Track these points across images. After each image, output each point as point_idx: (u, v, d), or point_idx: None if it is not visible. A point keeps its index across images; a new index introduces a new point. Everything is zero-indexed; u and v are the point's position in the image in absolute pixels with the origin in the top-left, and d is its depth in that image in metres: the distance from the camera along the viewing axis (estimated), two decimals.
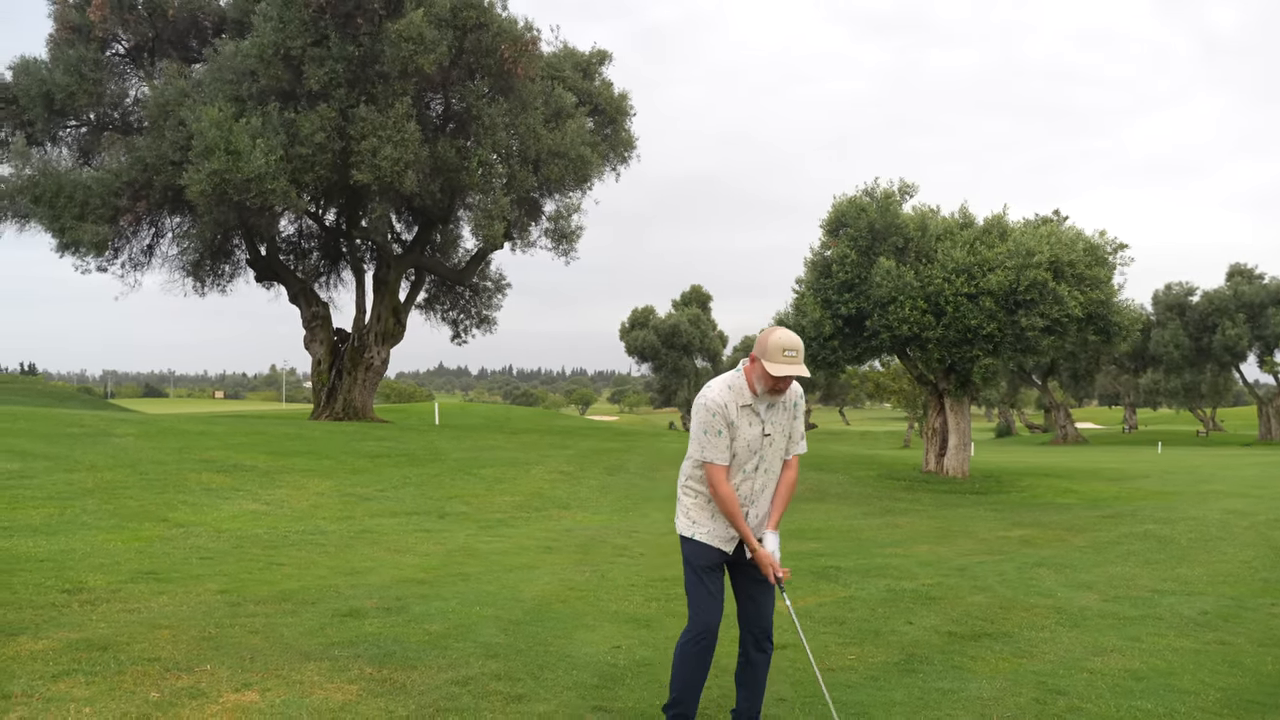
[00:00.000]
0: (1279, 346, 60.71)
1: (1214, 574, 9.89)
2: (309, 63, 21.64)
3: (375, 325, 28.02)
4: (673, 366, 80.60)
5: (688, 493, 4.87)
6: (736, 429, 4.65)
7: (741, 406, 4.65)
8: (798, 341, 4.59)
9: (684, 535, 4.87)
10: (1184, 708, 5.65)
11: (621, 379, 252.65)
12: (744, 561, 4.86)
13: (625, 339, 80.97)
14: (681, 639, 4.80)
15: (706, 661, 4.80)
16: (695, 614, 4.75)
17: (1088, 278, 17.56)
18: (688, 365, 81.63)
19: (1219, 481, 20.73)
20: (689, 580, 4.83)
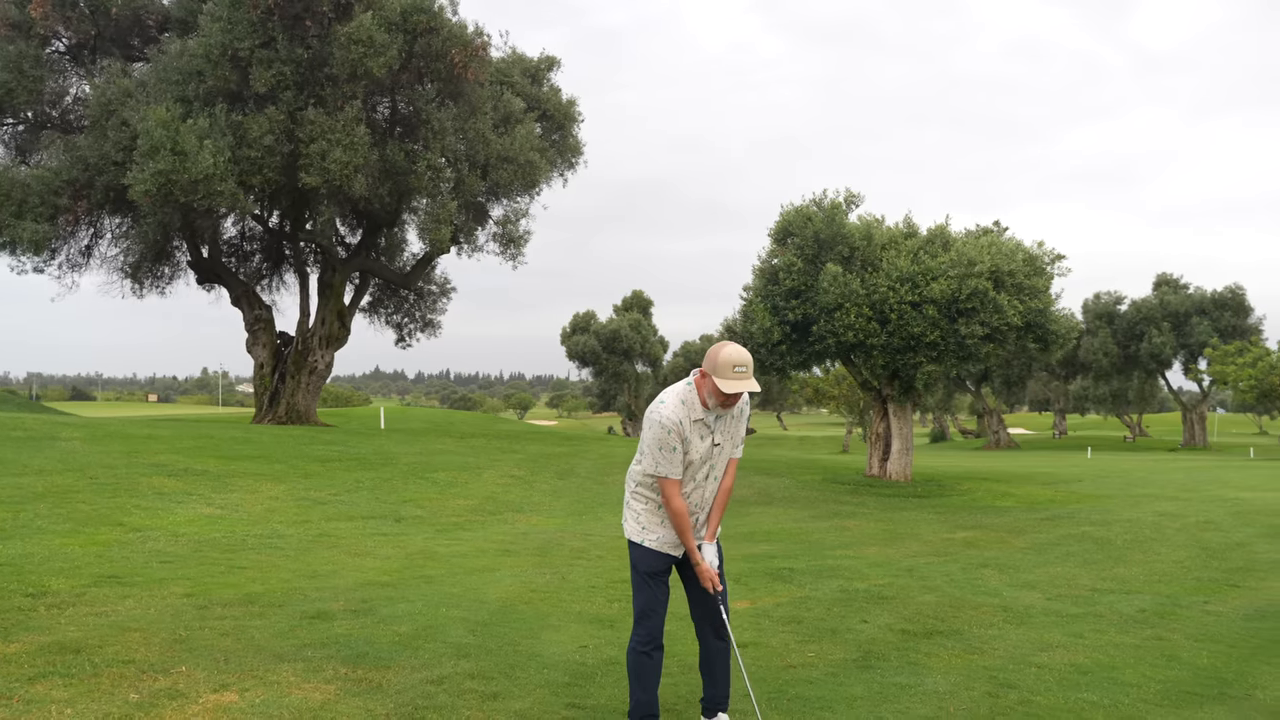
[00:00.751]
0: (1203, 355, 62.53)
1: (1150, 573, 10.31)
2: (257, 64, 21.48)
3: (319, 329, 27.83)
4: (614, 372, 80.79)
5: (638, 498, 4.97)
6: (689, 443, 4.77)
7: (694, 421, 4.76)
8: (747, 357, 4.69)
9: (633, 540, 4.97)
10: (1127, 699, 5.95)
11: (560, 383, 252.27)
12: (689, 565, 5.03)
13: (566, 344, 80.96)
14: (631, 644, 4.95)
15: (658, 662, 4.95)
16: (642, 619, 4.92)
17: (1026, 287, 18.10)
18: (629, 370, 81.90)
19: (1150, 485, 21.42)
20: (636, 584, 4.97)
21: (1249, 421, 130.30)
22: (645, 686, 4.92)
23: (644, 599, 4.93)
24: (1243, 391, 50.62)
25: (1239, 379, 49.90)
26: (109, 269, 28.59)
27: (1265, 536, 12.82)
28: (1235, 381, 50.36)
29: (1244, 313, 66.47)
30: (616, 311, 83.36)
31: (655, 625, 4.91)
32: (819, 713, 5.60)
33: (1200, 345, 64.05)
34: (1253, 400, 53.40)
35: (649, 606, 4.92)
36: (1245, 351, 52.65)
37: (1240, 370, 50.12)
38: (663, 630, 4.99)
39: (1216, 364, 53.84)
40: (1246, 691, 6.17)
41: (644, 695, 4.93)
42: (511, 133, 24.69)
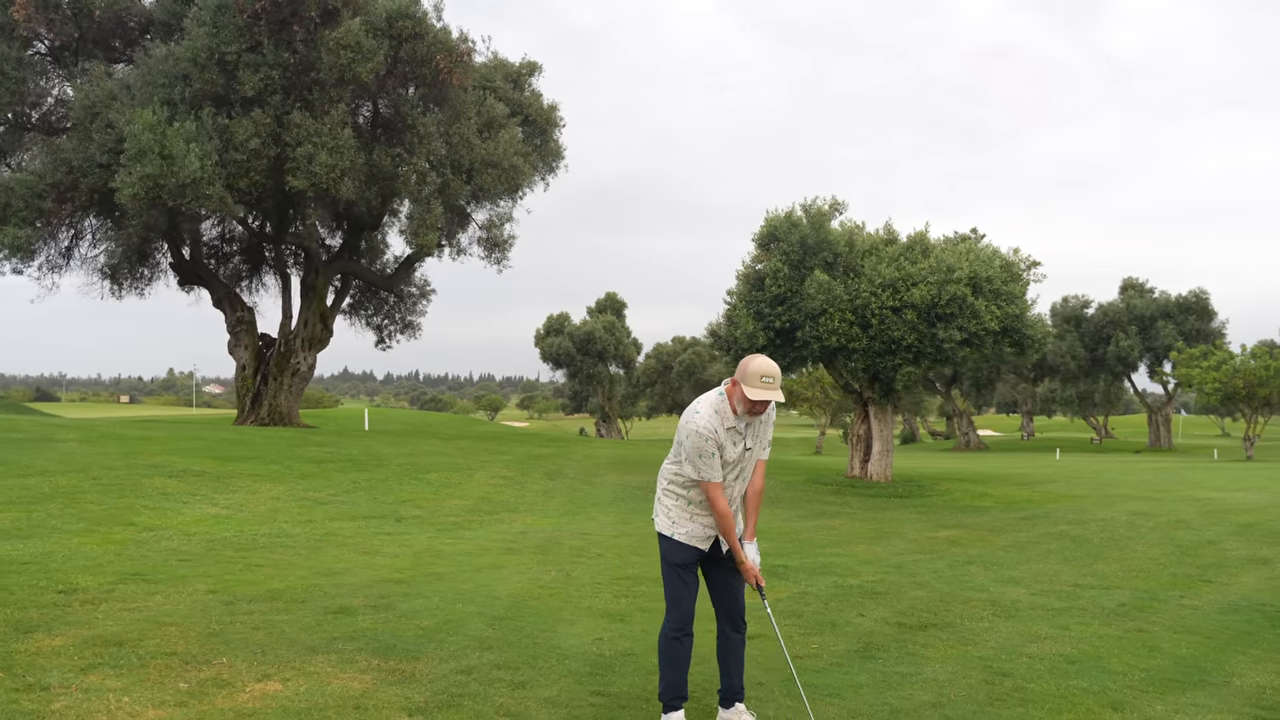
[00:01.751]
0: (1168, 357, 63.63)
1: (1127, 569, 10.76)
2: (244, 68, 21.63)
3: (302, 330, 27.96)
4: (588, 374, 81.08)
5: (669, 494, 5.33)
6: (723, 448, 5.13)
7: (728, 429, 5.12)
8: (775, 369, 5.06)
9: (663, 534, 5.33)
10: (1115, 686, 6.35)
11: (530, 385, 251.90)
12: (717, 556, 5.36)
13: (540, 345, 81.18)
14: (663, 630, 5.29)
15: (688, 647, 5.30)
16: (673, 607, 5.26)
17: (1003, 293, 18.60)
18: (603, 372, 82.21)
19: (1121, 485, 21.99)
20: (667, 576, 5.32)
21: (1211, 423, 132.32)
22: (675, 669, 5.26)
23: (675, 589, 5.28)
24: (1208, 394, 51.55)
25: (1204, 382, 50.81)
26: (89, 270, 28.61)
27: (1234, 534, 13.33)
28: (1201, 385, 51.28)
29: (1208, 316, 67.74)
30: (590, 313, 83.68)
31: (686, 612, 5.26)
32: (829, 699, 5.95)
33: (1165, 349, 65.16)
34: (1217, 403, 54.38)
35: (679, 595, 5.26)
36: (1210, 355, 53.63)
37: (1205, 373, 51.05)
38: (693, 617, 5.33)
39: (1182, 367, 54.80)
40: (1224, 679, 6.58)
41: (674, 677, 5.26)
42: (495, 137, 24.97)
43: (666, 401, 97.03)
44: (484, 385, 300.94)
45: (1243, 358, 51.71)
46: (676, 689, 5.27)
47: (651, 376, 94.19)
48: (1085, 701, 6.00)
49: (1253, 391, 50.07)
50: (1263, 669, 6.87)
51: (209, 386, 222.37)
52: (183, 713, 5.19)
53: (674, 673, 5.25)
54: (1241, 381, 49.58)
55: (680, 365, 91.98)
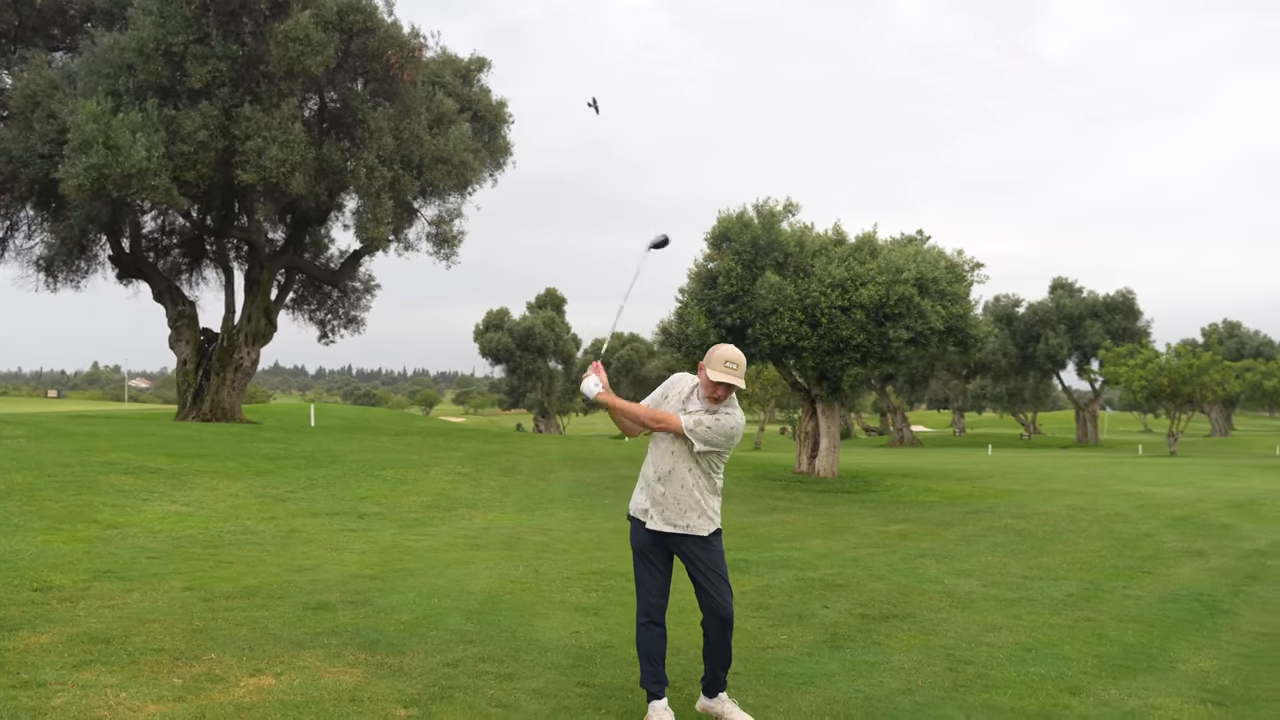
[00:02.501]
0: (1096, 355, 65.35)
1: (1071, 561, 11.22)
2: (191, 60, 21.35)
3: (246, 325, 27.65)
4: (527, 369, 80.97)
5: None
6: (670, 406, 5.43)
7: (686, 395, 5.42)
8: (740, 357, 5.26)
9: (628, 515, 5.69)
10: (1071, 672, 6.69)
11: (466, 380, 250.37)
12: (689, 554, 5.54)
13: (480, 341, 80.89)
14: (636, 619, 5.53)
15: (658, 636, 5.49)
16: (638, 595, 5.53)
17: (948, 294, 19.11)
18: (542, 368, 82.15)
19: (1057, 481, 22.69)
20: (634, 565, 5.61)
21: (1135, 420, 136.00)
22: (650, 657, 5.46)
23: (638, 576, 5.56)
24: (1134, 392, 53.09)
25: (1131, 380, 52.32)
26: (23, 262, 28.02)
27: (1169, 527, 13.92)
28: (1128, 382, 52.79)
29: (1134, 316, 69.71)
30: (530, 309, 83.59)
31: (649, 601, 5.48)
32: (803, 687, 6.20)
33: (1093, 347, 66.94)
34: (1143, 400, 56.04)
35: (641, 582, 5.53)
36: (1136, 354, 55.23)
37: (1132, 371, 52.56)
38: (660, 608, 5.52)
39: (1110, 365, 56.36)
40: (1170, 664, 6.98)
41: (650, 666, 5.46)
42: (445, 133, 24.93)
43: None
44: (419, 380, 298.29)
45: (1167, 356, 53.35)
46: (654, 677, 5.45)
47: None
48: (1044, 687, 6.31)
49: (1176, 389, 51.70)
50: (1205, 654, 7.28)
51: (135, 381, 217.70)
52: (182, 708, 5.26)
53: (649, 661, 5.44)
54: (1166, 380, 51.15)
55: (619, 361, 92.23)
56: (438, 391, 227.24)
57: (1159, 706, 5.97)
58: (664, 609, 5.55)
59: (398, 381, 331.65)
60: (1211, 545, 12.50)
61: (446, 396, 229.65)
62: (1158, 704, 6.02)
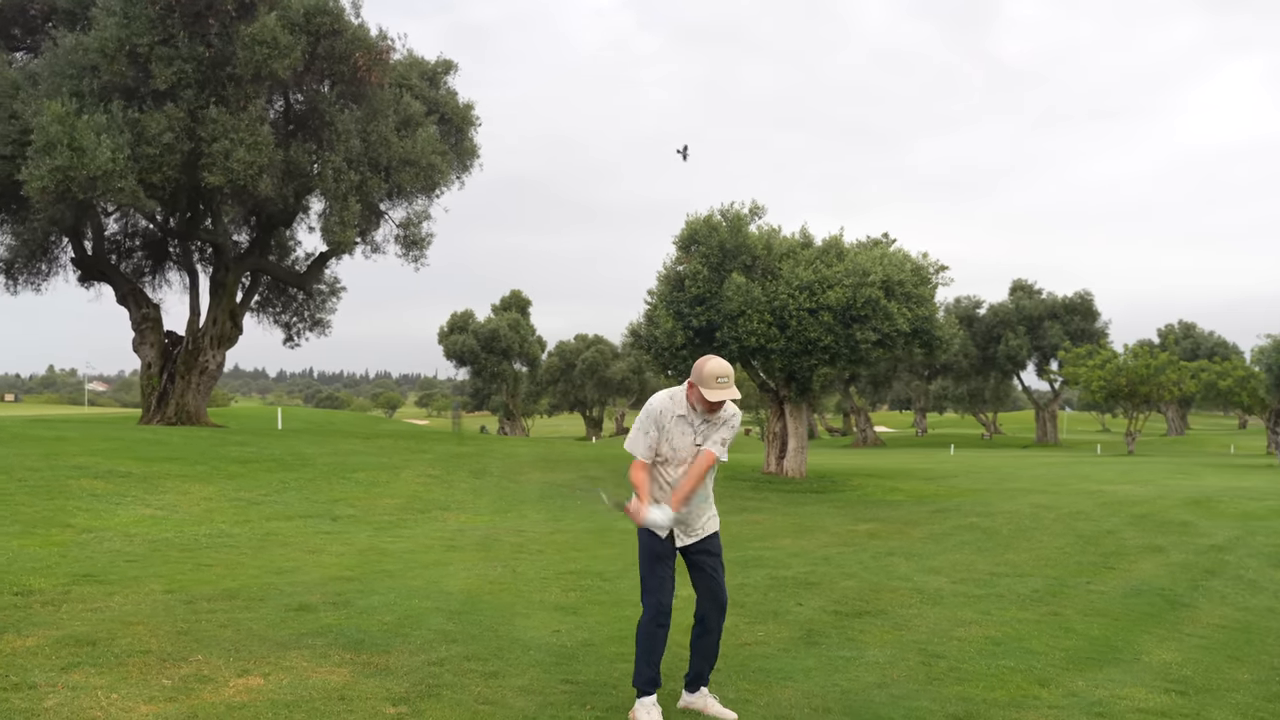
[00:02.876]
0: (1056, 356, 66.25)
1: (1036, 558, 11.48)
2: (156, 61, 21.22)
3: (211, 328, 27.48)
4: (492, 371, 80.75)
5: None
6: (670, 434, 5.45)
7: (678, 415, 5.45)
8: (729, 369, 5.36)
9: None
10: (1039, 665, 6.90)
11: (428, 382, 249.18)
12: (702, 551, 5.73)
13: (444, 343, 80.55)
14: (642, 620, 5.58)
15: (664, 636, 5.61)
16: (648, 595, 5.56)
17: (914, 296, 19.40)
18: (507, 370, 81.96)
19: (1019, 480, 23.06)
20: (644, 565, 5.62)
21: (1093, 419, 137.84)
22: (651, 657, 5.54)
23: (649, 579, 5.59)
24: (1093, 392, 53.87)
25: (1090, 380, 53.08)
26: None
27: (1130, 525, 14.24)
28: (1087, 383, 53.56)
29: (1092, 317, 70.70)
30: (495, 311, 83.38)
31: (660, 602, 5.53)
32: (783, 682, 6.36)
33: (1052, 347, 67.85)
34: (1101, 400, 56.87)
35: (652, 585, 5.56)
36: (1095, 354, 56.04)
37: (1091, 372, 53.32)
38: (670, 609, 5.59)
39: (1069, 366, 57.16)
40: (1134, 657, 7.21)
41: (649, 665, 5.54)
42: (413, 136, 24.93)
43: (569, 399, 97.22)
44: (381, 382, 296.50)
45: (1125, 357, 54.21)
46: (652, 675, 5.57)
47: (554, 374, 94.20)
48: (1015, 679, 6.51)
49: (1135, 389, 52.53)
50: (1167, 647, 7.52)
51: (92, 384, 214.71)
52: (174, 708, 5.32)
53: (651, 660, 5.52)
54: (1125, 380, 51.95)
55: (583, 363, 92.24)
56: (400, 394, 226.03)
57: (1124, 697, 6.18)
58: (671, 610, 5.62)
59: (360, 384, 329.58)
60: (1171, 541, 12.82)
61: (409, 399, 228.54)
62: (1123, 694, 6.23)
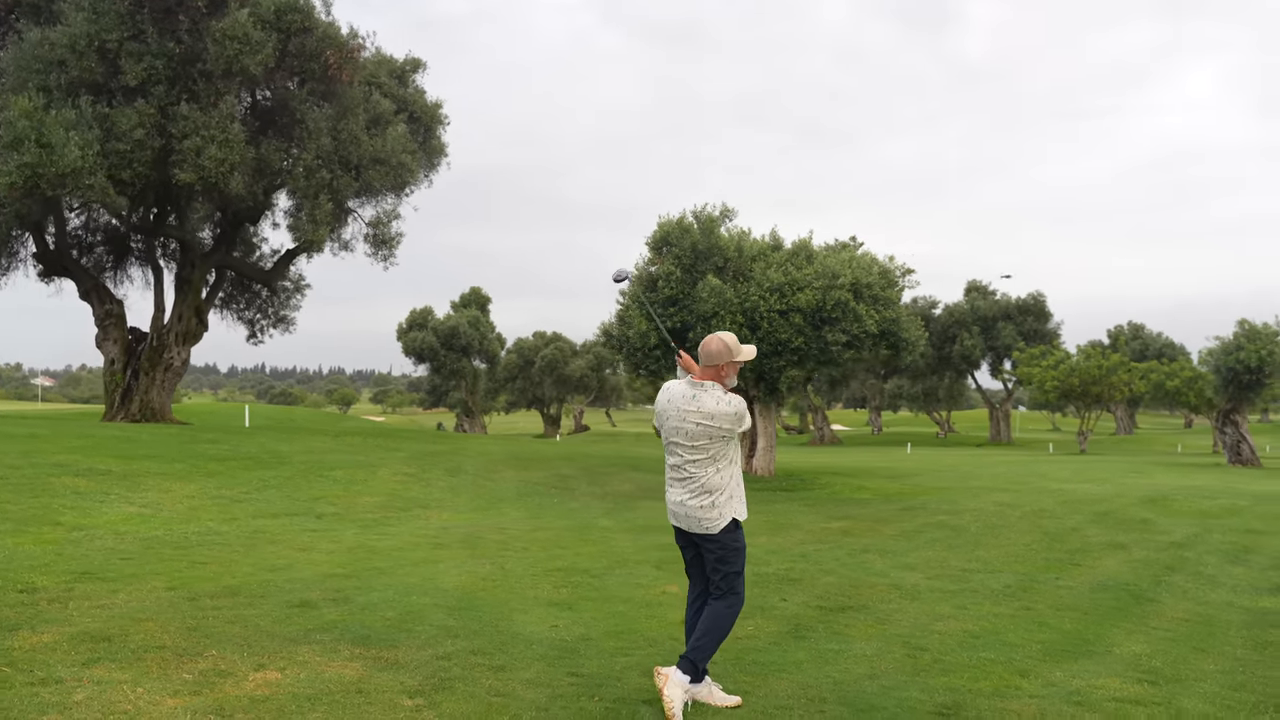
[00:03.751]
0: (1009, 356, 67.38)
1: (1005, 555, 11.87)
2: (126, 57, 21.11)
3: (176, 324, 27.32)
4: (452, 368, 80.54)
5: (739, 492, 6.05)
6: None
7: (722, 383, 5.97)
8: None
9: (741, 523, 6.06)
10: (1018, 656, 7.24)
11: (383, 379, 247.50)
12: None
13: (403, 340, 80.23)
14: (733, 610, 5.95)
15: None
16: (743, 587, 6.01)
17: (882, 298, 19.82)
18: (466, 367, 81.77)
19: (980, 478, 23.59)
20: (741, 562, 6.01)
21: (1044, 418, 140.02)
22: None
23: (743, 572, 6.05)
24: (1047, 392, 54.92)
25: (1044, 380, 54.11)
26: None
27: (1092, 522, 14.72)
28: (1041, 383, 54.59)
29: (1044, 318, 72.00)
30: (455, 308, 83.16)
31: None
32: (777, 674, 6.64)
33: (1006, 348, 69.03)
34: (1055, 399, 57.98)
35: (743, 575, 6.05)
36: (1048, 355, 57.12)
37: (1045, 372, 54.36)
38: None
39: (1024, 366, 58.19)
40: (1106, 649, 7.57)
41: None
42: (383, 134, 24.96)
43: (527, 396, 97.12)
44: (334, 379, 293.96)
45: (1078, 357, 55.32)
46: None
47: (513, 371, 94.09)
48: (996, 670, 6.84)
49: (1087, 389, 53.64)
50: (1136, 639, 7.90)
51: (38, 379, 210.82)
52: (199, 701, 5.48)
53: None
54: (1077, 380, 53.04)
55: (542, 360, 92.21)
56: (355, 390, 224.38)
57: (1100, 687, 6.51)
58: None
59: (314, 380, 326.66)
60: (1132, 538, 13.29)
61: (364, 395, 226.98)
62: (1099, 685, 6.57)
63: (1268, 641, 7.98)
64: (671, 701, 5.59)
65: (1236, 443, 38.48)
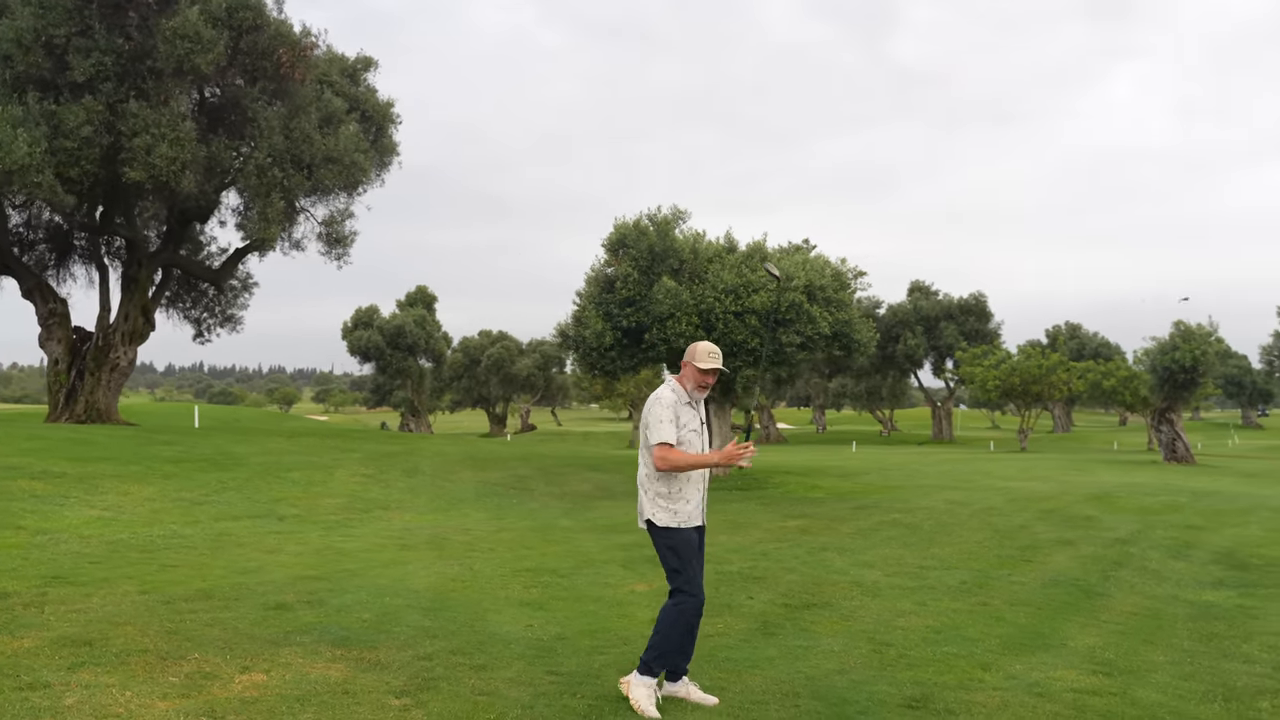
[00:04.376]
0: (952, 355, 68.49)
1: (959, 552, 12.20)
2: (74, 53, 20.79)
3: (123, 324, 26.93)
4: (398, 367, 79.98)
5: (660, 496, 6.01)
6: (684, 421, 5.99)
7: (684, 404, 6.01)
8: (716, 348, 6.04)
9: (669, 528, 6.01)
10: (979, 650, 7.52)
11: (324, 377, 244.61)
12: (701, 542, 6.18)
13: (349, 339, 79.52)
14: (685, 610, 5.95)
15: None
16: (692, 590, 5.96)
17: (834, 300, 20.18)
18: (413, 366, 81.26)
19: (928, 477, 24.06)
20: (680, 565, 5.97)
21: (984, 416, 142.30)
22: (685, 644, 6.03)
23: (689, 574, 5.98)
24: (989, 391, 55.92)
25: (986, 380, 55.10)
26: None
27: (1040, 519, 15.15)
28: (983, 382, 55.57)
29: (986, 318, 73.34)
30: (400, 306, 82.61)
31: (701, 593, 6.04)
32: (750, 670, 6.84)
33: (948, 347, 70.18)
34: (996, 398, 59.04)
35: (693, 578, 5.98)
36: (990, 355, 58.17)
37: (987, 371, 55.35)
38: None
39: (966, 365, 59.20)
40: (1061, 642, 7.88)
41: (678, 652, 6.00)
42: (335, 133, 24.82)
43: (472, 395, 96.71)
44: (274, 378, 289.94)
45: (1019, 357, 56.43)
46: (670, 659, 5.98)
47: (458, 370, 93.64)
48: (959, 664, 7.10)
49: (1027, 388, 54.73)
50: (1088, 633, 8.23)
51: None
52: (190, 703, 5.54)
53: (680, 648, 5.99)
54: (1018, 379, 54.09)
55: (489, 359, 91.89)
56: (296, 389, 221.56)
57: (1059, 678, 6.80)
58: None
59: (253, 379, 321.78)
60: (1079, 535, 13.72)
61: (305, 394, 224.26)
62: (1057, 676, 6.86)
63: (1212, 634, 8.35)
64: (637, 701, 5.78)
65: (1172, 440, 39.55)
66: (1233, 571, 11.43)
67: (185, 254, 29.65)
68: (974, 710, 6.01)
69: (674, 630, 5.98)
